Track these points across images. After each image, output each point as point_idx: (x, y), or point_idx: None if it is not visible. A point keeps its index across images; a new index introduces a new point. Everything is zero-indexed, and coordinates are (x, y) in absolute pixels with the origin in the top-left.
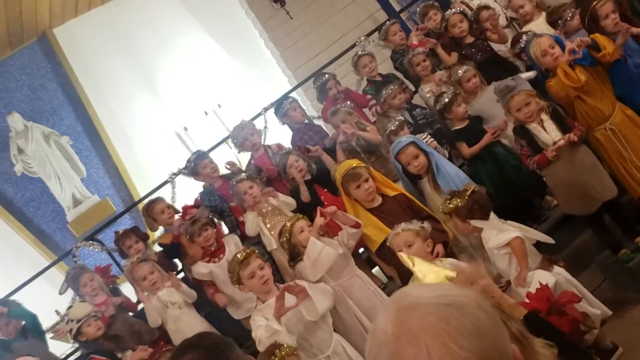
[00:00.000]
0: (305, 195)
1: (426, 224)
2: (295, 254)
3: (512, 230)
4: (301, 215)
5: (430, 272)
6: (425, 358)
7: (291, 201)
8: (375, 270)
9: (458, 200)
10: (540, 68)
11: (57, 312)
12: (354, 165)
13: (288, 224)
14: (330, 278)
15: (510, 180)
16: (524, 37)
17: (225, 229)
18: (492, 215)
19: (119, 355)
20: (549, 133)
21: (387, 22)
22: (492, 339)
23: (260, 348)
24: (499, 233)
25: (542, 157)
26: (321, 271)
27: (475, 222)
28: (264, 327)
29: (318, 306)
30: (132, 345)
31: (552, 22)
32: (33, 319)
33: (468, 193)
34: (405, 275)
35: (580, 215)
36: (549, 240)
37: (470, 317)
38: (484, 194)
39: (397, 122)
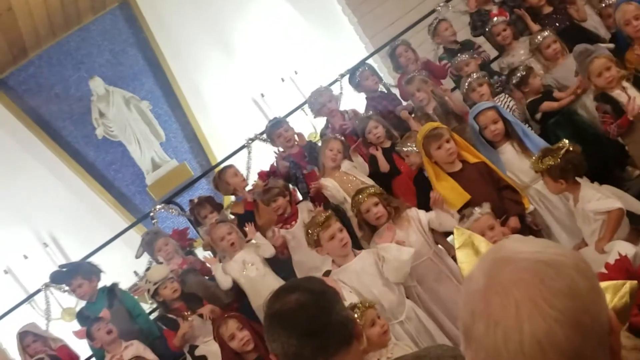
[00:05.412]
0: (384, 166)
1: (485, 205)
2: (363, 224)
3: (616, 200)
4: (372, 191)
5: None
6: (512, 311)
7: (367, 166)
8: (451, 238)
9: (551, 159)
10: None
11: (136, 273)
12: (436, 126)
13: (359, 198)
14: None
15: (588, 149)
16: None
17: (299, 196)
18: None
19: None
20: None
21: None
22: (586, 303)
23: None
24: (602, 198)
25: (624, 119)
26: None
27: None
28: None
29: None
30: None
31: None
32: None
33: (562, 152)
34: None
35: None
36: None
37: (566, 277)
38: (579, 154)
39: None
